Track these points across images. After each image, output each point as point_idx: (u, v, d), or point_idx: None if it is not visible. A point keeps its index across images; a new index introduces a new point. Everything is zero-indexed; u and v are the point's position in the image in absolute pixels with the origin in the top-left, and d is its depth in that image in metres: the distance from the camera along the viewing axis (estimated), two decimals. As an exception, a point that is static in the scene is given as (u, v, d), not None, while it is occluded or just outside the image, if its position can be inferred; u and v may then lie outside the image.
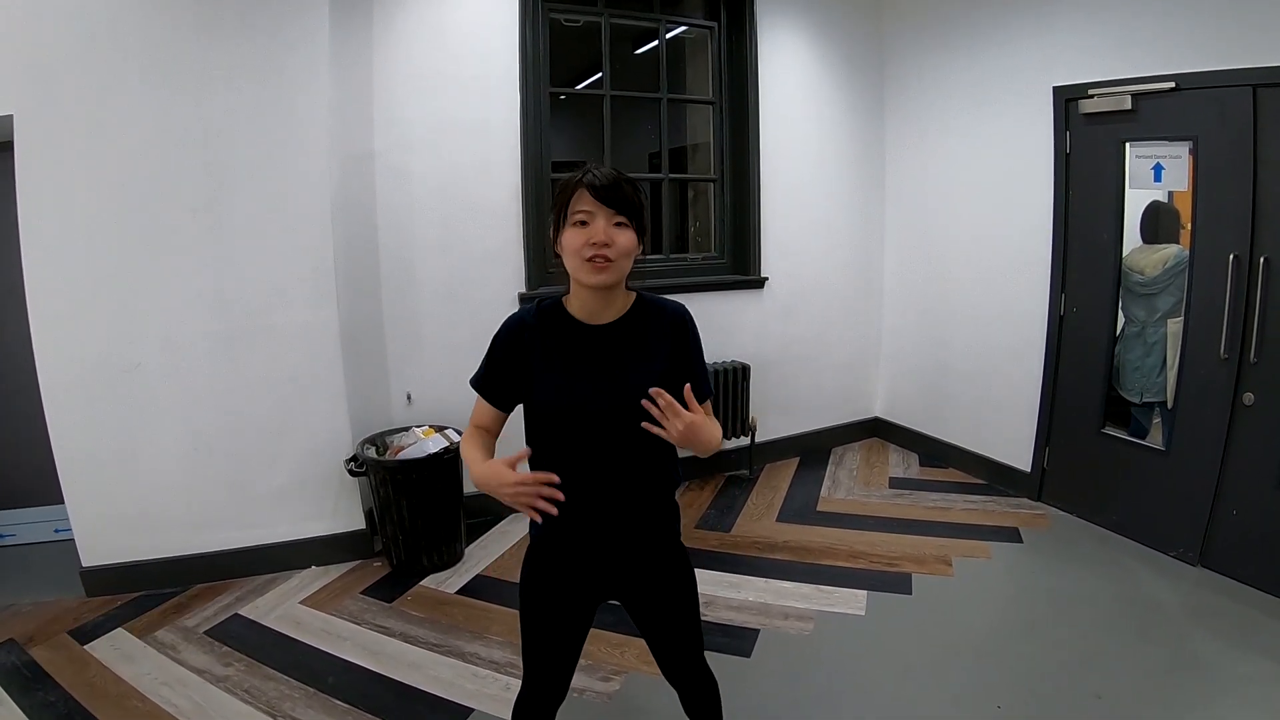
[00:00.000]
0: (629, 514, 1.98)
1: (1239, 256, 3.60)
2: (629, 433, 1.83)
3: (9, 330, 4.01)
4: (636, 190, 1.82)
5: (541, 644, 2.07)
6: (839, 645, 3.43)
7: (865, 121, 5.72)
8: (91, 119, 3.53)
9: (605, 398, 1.86)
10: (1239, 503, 3.77)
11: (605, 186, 1.76)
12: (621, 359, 1.89)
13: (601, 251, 1.75)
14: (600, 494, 1.93)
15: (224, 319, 3.84)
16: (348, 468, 4.06)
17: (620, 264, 1.80)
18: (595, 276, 1.78)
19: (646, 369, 1.88)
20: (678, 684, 2.28)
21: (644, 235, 1.85)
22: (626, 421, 1.83)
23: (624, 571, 2.06)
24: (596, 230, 1.76)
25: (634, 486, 1.96)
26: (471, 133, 4.45)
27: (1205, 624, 3.47)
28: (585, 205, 1.77)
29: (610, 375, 1.88)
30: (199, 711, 2.98)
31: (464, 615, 3.71)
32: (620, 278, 1.84)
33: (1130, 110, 3.98)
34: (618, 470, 1.93)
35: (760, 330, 5.47)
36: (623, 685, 3.15)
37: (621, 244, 1.78)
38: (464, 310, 4.52)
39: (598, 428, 1.87)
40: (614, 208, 1.77)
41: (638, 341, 1.92)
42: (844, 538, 4.46)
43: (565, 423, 1.88)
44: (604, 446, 1.89)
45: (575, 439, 1.89)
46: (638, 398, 1.77)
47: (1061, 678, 3.13)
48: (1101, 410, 4.42)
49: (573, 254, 1.79)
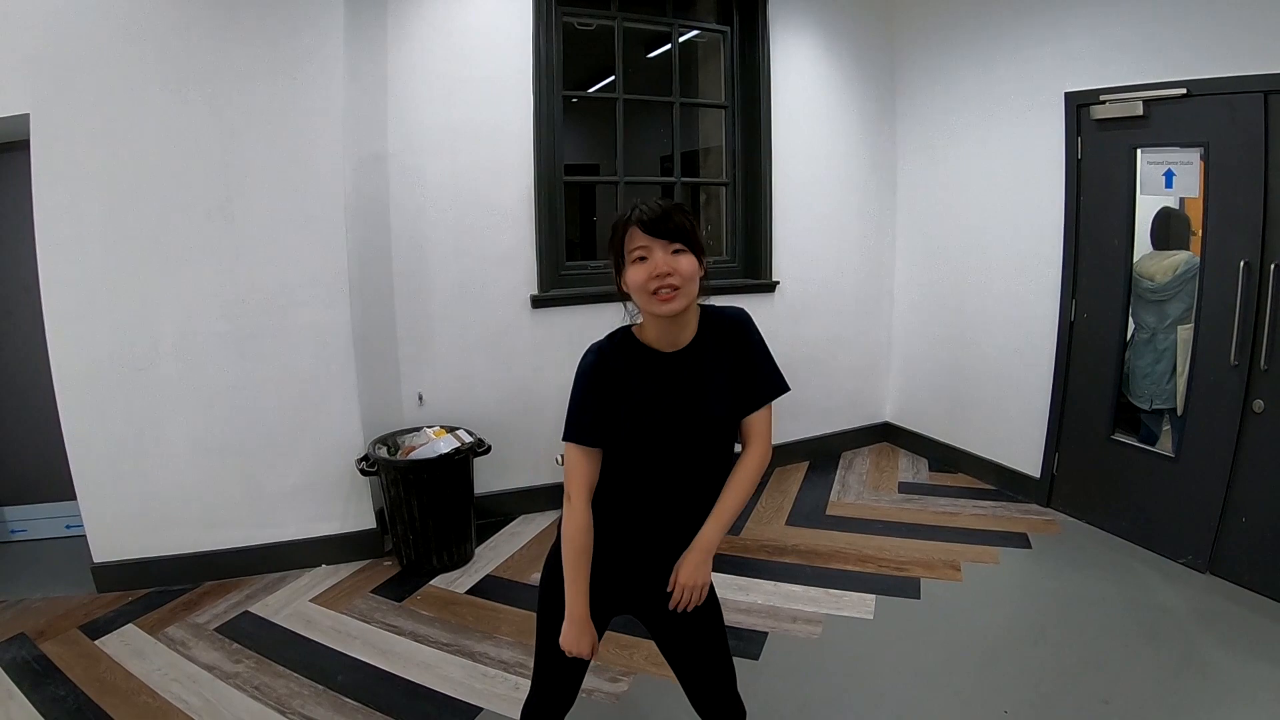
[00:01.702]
0: (696, 523, 1.99)
1: (1250, 263, 3.59)
2: (705, 454, 1.92)
3: (23, 327, 4.06)
4: (686, 215, 1.84)
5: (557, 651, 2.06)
6: (847, 649, 3.44)
7: (876, 126, 5.73)
8: (107, 118, 3.57)
9: (687, 424, 1.88)
10: (1249, 510, 3.76)
11: (656, 219, 1.79)
12: (699, 383, 1.91)
13: (666, 281, 1.77)
14: (671, 513, 1.97)
15: (237, 318, 3.87)
16: (359, 467, 4.08)
17: (687, 289, 1.81)
18: (665, 307, 1.80)
19: (726, 379, 1.94)
20: (705, 713, 2.24)
21: (703, 255, 1.87)
22: (704, 444, 1.90)
23: (656, 591, 2.04)
24: (656, 263, 1.78)
25: (701, 503, 1.98)
26: (485, 135, 4.47)
27: (1214, 631, 3.47)
28: (640, 241, 1.79)
29: (690, 401, 1.89)
30: (209, 708, 3.00)
31: (473, 615, 3.73)
32: (690, 301, 1.85)
33: (1142, 116, 3.98)
34: (689, 490, 1.96)
35: (771, 333, 5.31)
36: (631, 686, 3.16)
37: (684, 270, 1.79)
38: (476, 312, 4.54)
39: (679, 453, 1.90)
40: (668, 238, 1.79)
41: (711, 361, 1.94)
42: (853, 542, 4.46)
43: (650, 451, 1.89)
44: (681, 470, 1.93)
45: (655, 465, 1.91)
46: (719, 411, 1.89)
47: (1069, 683, 3.13)
48: (1111, 416, 4.41)
49: (639, 290, 1.80)
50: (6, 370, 4.28)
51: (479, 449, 4.21)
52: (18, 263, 3.96)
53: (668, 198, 5.29)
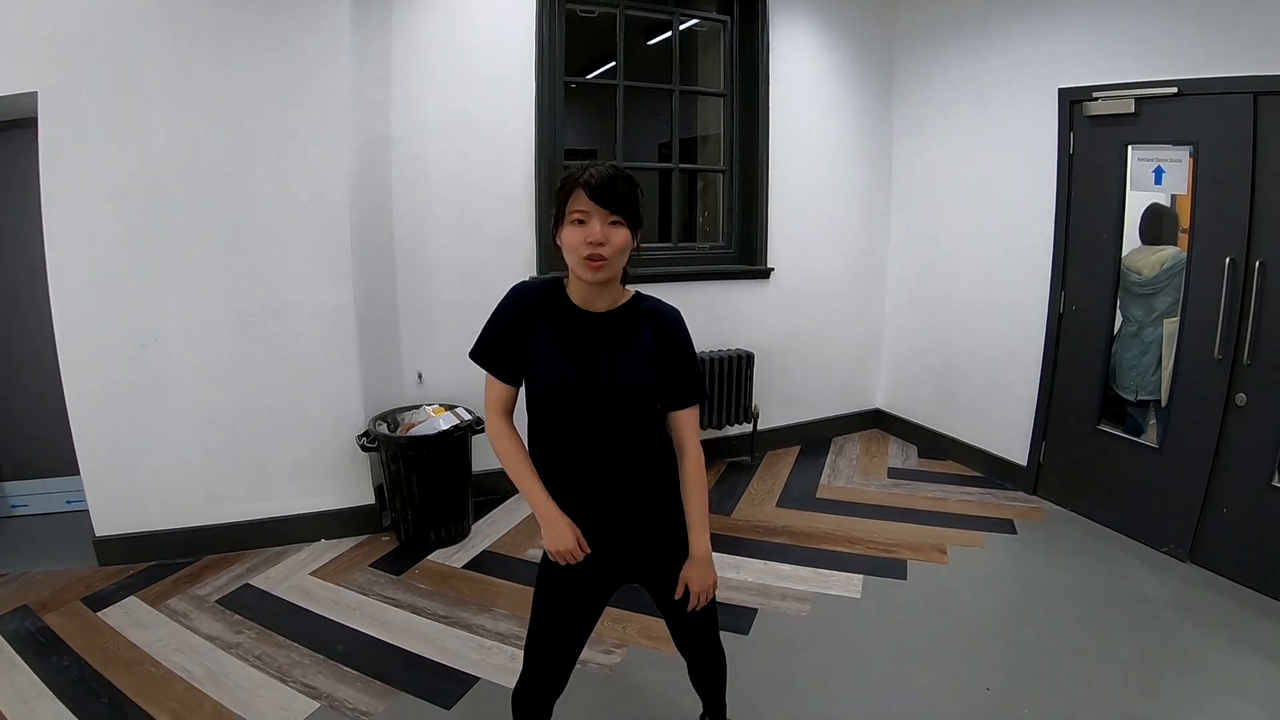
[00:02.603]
0: (626, 491, 2.06)
1: (1235, 260, 3.66)
2: (617, 414, 1.97)
3: (29, 305, 4.09)
4: (632, 186, 1.89)
5: (552, 630, 2.14)
6: (835, 626, 3.51)
7: (873, 118, 5.78)
8: (115, 97, 3.58)
9: (594, 379, 1.95)
10: (1230, 501, 3.84)
11: (600, 187, 1.83)
12: (611, 344, 1.98)
13: (597, 250, 1.84)
14: (596, 472, 2.03)
15: (242, 296, 3.91)
16: (360, 443, 4.13)
17: (615, 261, 1.88)
18: (592, 274, 1.88)
19: (631, 355, 1.99)
20: (689, 657, 2.41)
21: (639, 229, 1.93)
22: (614, 403, 1.96)
23: (638, 551, 2.14)
24: (593, 230, 1.84)
25: (627, 464, 2.04)
26: (487, 120, 4.51)
27: (1193, 618, 3.54)
28: (582, 205, 1.85)
29: (599, 359, 1.96)
30: (211, 677, 3.05)
31: (470, 589, 3.79)
32: (615, 273, 1.93)
33: (1133, 114, 4.03)
34: (609, 449, 2.01)
35: (765, 320, 5.54)
36: (624, 658, 3.22)
37: (616, 242, 1.86)
38: (476, 293, 4.58)
39: (587, 408, 1.96)
40: (609, 208, 1.84)
41: (627, 331, 2.01)
42: (842, 524, 4.54)
43: (558, 402, 1.97)
44: (595, 426, 1.98)
45: (569, 418, 1.98)
46: (623, 380, 1.95)
47: (1050, 664, 3.21)
48: (1098, 407, 4.48)
49: (571, 251, 1.88)
50: (9, 348, 4.30)
51: (477, 427, 4.25)
52: (24, 240, 3.98)
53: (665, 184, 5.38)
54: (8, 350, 4.30)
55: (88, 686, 2.97)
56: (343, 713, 2.88)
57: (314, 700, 2.94)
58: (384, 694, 2.99)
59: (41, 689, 2.94)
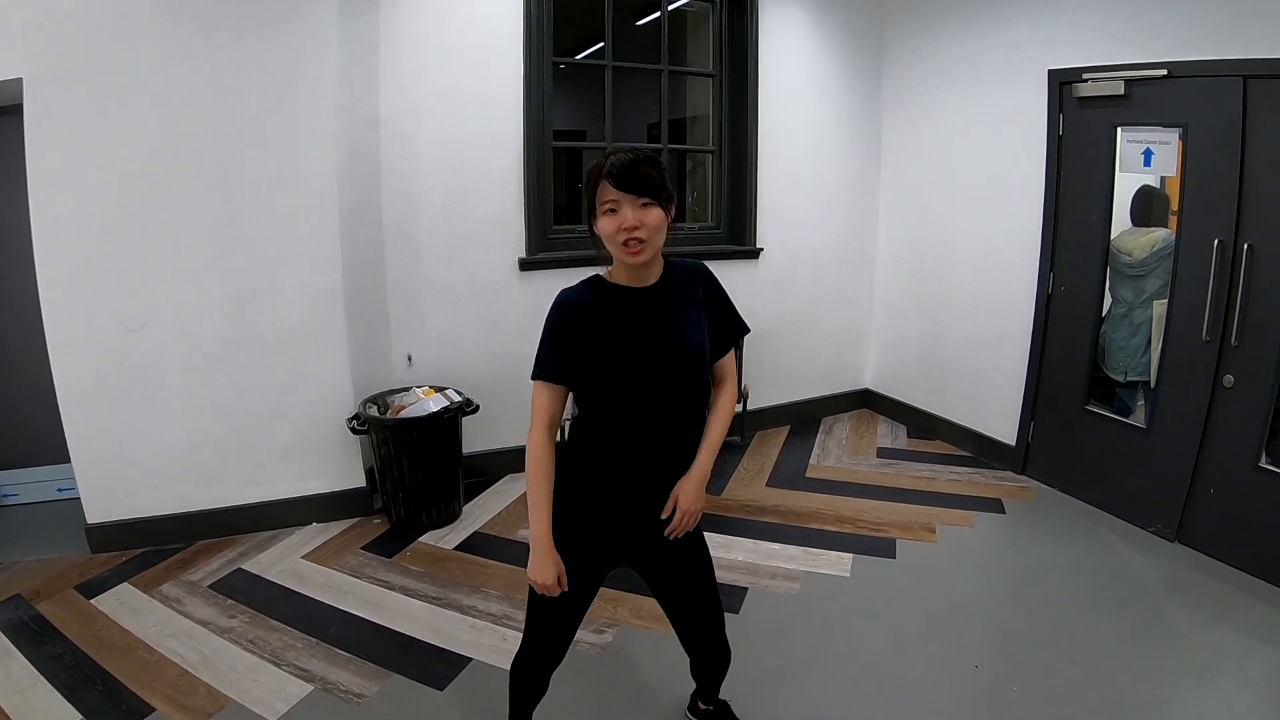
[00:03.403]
0: (682, 457, 2.09)
1: (1224, 242, 3.67)
2: (688, 377, 2.02)
3: (17, 293, 4.06)
4: (655, 166, 1.91)
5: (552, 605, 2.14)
6: (824, 605, 3.55)
7: (863, 98, 5.77)
8: (100, 83, 3.55)
9: (668, 346, 1.98)
10: (1217, 482, 3.86)
11: (624, 173, 1.86)
12: (672, 312, 2.03)
13: (634, 234, 1.87)
14: (660, 448, 2.06)
15: (230, 280, 3.89)
16: (350, 426, 4.14)
17: (654, 240, 1.91)
18: (634, 258, 1.91)
19: (695, 317, 2.05)
20: (696, 654, 2.43)
21: (670, 204, 1.95)
22: (686, 367, 2.01)
23: (651, 532, 2.13)
24: (625, 216, 1.86)
25: (689, 430, 2.09)
26: (475, 101, 4.49)
27: (1180, 598, 3.58)
28: (610, 195, 1.88)
29: (668, 326, 2.00)
30: (204, 662, 3.07)
31: (462, 570, 3.81)
32: (656, 251, 1.96)
33: (1123, 95, 4.03)
34: (677, 416, 2.05)
35: (754, 300, 5.50)
36: (615, 638, 3.26)
37: (651, 223, 1.88)
38: (465, 274, 4.59)
39: (663, 375, 1.98)
40: (636, 192, 1.86)
41: (681, 295, 2.06)
42: (832, 503, 4.57)
43: (633, 376, 1.97)
44: (666, 394, 2.00)
45: (640, 391, 1.98)
46: (696, 342, 2.01)
47: (1038, 642, 3.24)
48: (1086, 387, 4.51)
49: (609, 240, 1.91)
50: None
51: (467, 408, 4.26)
52: (11, 228, 3.95)
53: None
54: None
55: (82, 674, 2.98)
56: (336, 695, 2.90)
57: (307, 683, 2.96)
58: (377, 676, 3.01)
59: (36, 677, 2.95)
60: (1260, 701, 2.89)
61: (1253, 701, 2.89)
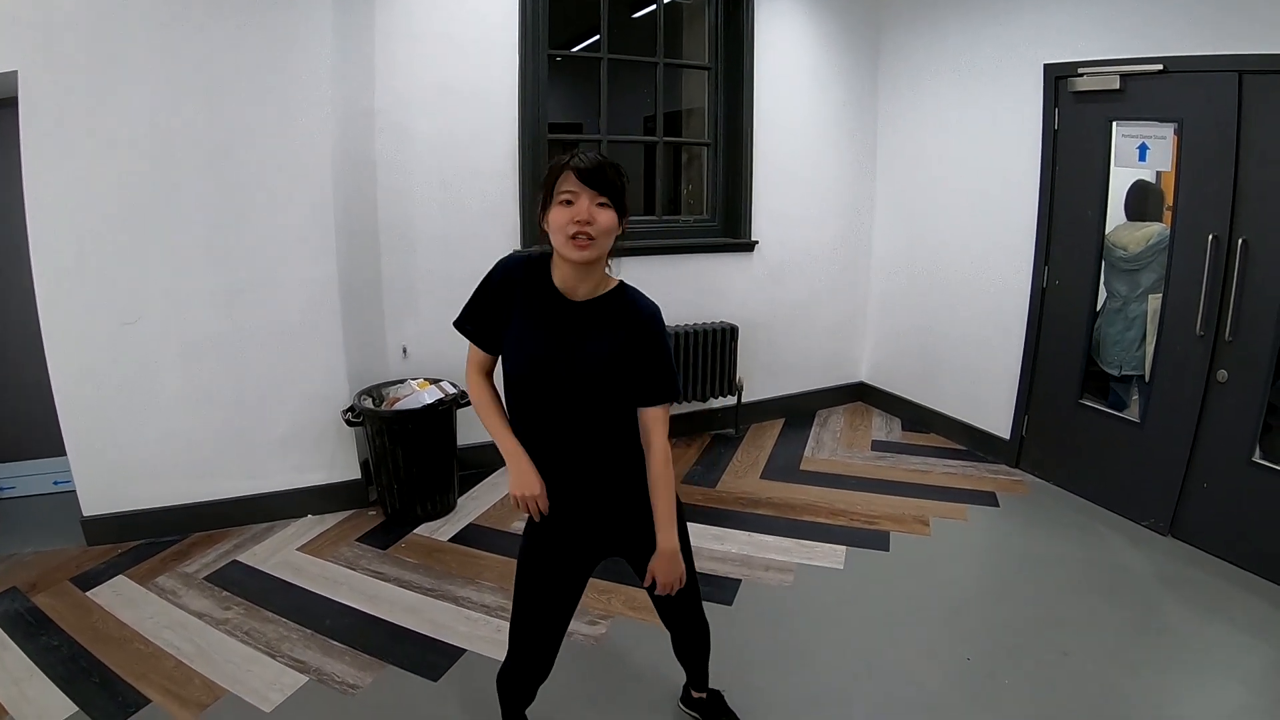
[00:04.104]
0: (593, 472, 2.10)
1: (1218, 237, 3.67)
2: (583, 398, 2.00)
3: (13, 286, 4.04)
4: (620, 174, 1.92)
5: (535, 610, 2.18)
6: (818, 597, 3.56)
7: (859, 91, 5.76)
8: (95, 75, 3.53)
9: (562, 366, 1.97)
10: (1210, 476, 3.88)
11: (590, 170, 1.86)
12: (584, 334, 1.99)
13: (584, 229, 1.85)
14: (565, 452, 2.07)
15: (225, 272, 3.88)
16: (345, 418, 4.13)
17: (601, 241, 1.90)
18: (578, 253, 1.88)
19: (610, 345, 2.00)
20: (673, 629, 2.47)
21: (624, 216, 1.95)
22: (580, 388, 1.99)
23: (615, 528, 2.18)
24: (580, 209, 1.85)
25: (592, 448, 2.08)
26: (471, 93, 4.48)
27: (1173, 591, 3.60)
28: (570, 186, 1.87)
29: (570, 346, 1.98)
30: (200, 653, 3.07)
31: (457, 562, 3.82)
32: (600, 255, 1.94)
33: (1118, 90, 4.04)
34: (576, 431, 2.05)
35: (749, 293, 5.55)
36: (609, 629, 3.27)
37: (603, 223, 1.88)
38: (459, 267, 4.51)
39: (555, 389, 1.99)
40: (597, 189, 1.86)
41: (603, 322, 2.01)
42: (825, 496, 4.58)
43: (529, 379, 2.00)
44: (562, 407, 2.01)
45: (539, 397, 2.01)
46: (591, 370, 1.97)
47: (1031, 635, 3.26)
48: (1080, 381, 4.51)
49: (558, 230, 1.89)
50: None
51: (462, 401, 4.26)
52: (6, 220, 3.93)
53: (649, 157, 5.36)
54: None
55: (78, 665, 2.98)
56: (331, 686, 2.91)
57: (302, 674, 2.96)
58: (372, 666, 3.02)
59: (32, 669, 2.95)
60: (1252, 695, 2.91)
61: (1244, 695, 2.91)
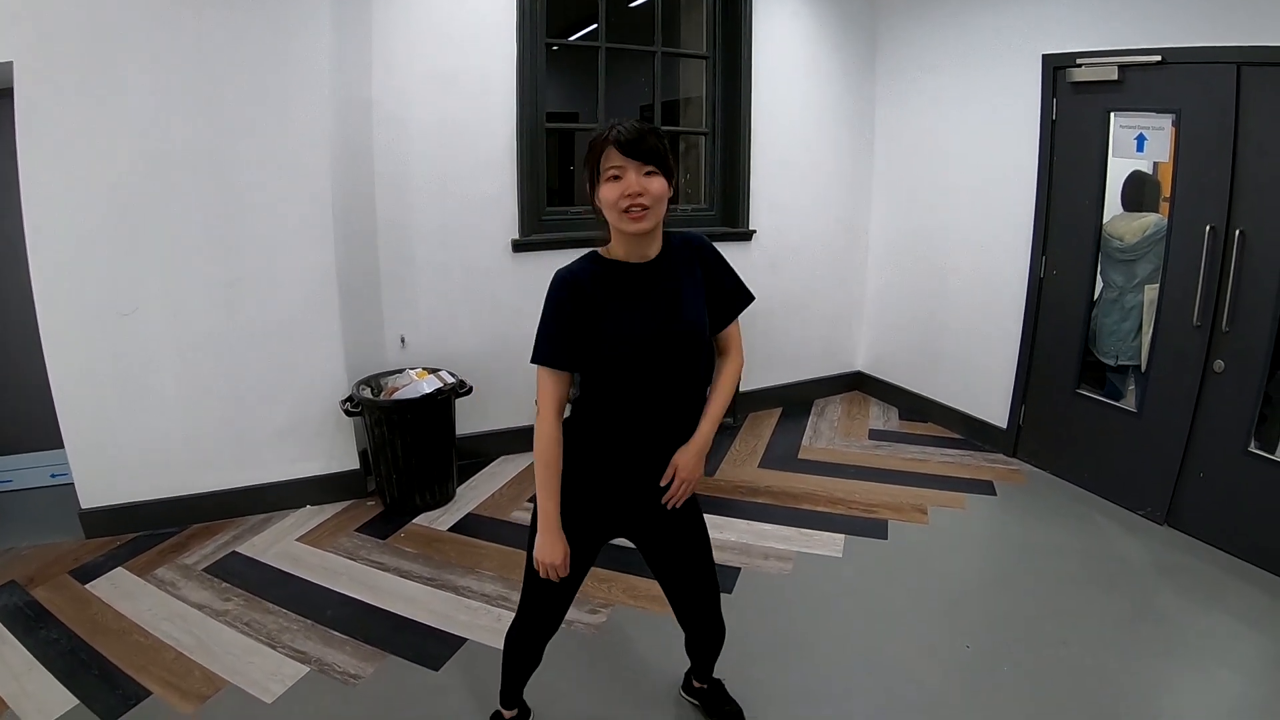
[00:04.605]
0: (686, 429, 2.10)
1: (1216, 228, 3.67)
2: (688, 351, 2.01)
3: (9, 279, 4.03)
4: (660, 138, 1.91)
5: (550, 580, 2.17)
6: (816, 585, 3.58)
7: (857, 81, 5.75)
8: (92, 66, 3.51)
9: (668, 322, 1.99)
10: (1207, 466, 3.89)
11: (631, 141, 1.85)
12: (674, 285, 2.02)
13: (637, 201, 1.86)
14: (660, 422, 2.07)
15: (223, 263, 3.87)
16: (343, 408, 4.13)
17: (656, 209, 1.90)
18: (635, 225, 1.89)
19: (695, 290, 2.05)
20: (690, 629, 2.45)
21: (672, 178, 1.95)
22: (686, 342, 2.01)
23: (650, 503, 2.15)
24: (630, 183, 1.85)
25: (691, 402, 2.09)
26: (468, 83, 4.47)
27: (1170, 580, 3.61)
28: (615, 161, 1.86)
29: (667, 302, 2.00)
30: (200, 645, 3.08)
31: (456, 551, 3.83)
32: (657, 221, 1.94)
33: (1117, 81, 4.03)
34: (678, 389, 2.05)
35: (747, 281, 5.40)
36: (609, 617, 3.28)
37: (654, 191, 1.88)
38: (457, 256, 4.58)
39: (664, 350, 1.99)
40: (642, 159, 1.86)
41: (681, 269, 2.05)
42: (824, 484, 4.60)
43: (635, 352, 1.97)
44: (667, 369, 2.01)
45: (642, 367, 1.98)
46: (694, 317, 2.01)
47: (1029, 623, 3.27)
48: (1077, 371, 4.52)
49: (611, 207, 1.89)
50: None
51: (461, 390, 4.27)
52: (2, 213, 3.91)
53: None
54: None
55: (78, 658, 2.98)
56: (332, 676, 2.92)
57: (303, 664, 2.97)
58: (373, 656, 3.03)
59: (32, 662, 2.95)
60: (1248, 684, 2.93)
61: (1240, 683, 2.93)
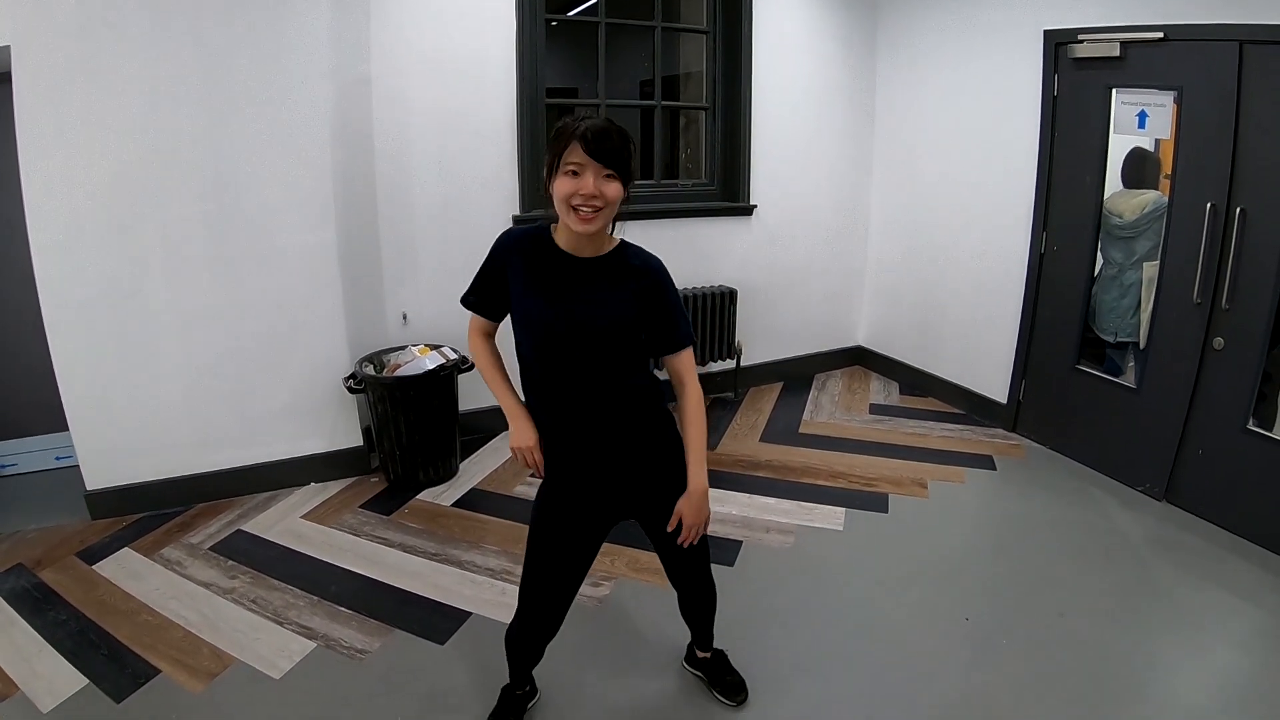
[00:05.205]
0: (610, 430, 2.12)
1: (1216, 206, 3.67)
2: (598, 353, 2.03)
3: (10, 261, 4.01)
4: (626, 140, 1.92)
5: (547, 571, 2.21)
6: (818, 558, 3.61)
7: (857, 55, 5.72)
8: (90, 48, 3.48)
9: (582, 320, 2.00)
10: (1205, 443, 3.91)
11: (596, 140, 1.85)
12: (594, 287, 2.03)
13: (590, 203, 1.87)
14: (581, 412, 2.09)
15: (224, 242, 3.86)
16: (346, 385, 4.14)
17: (606, 212, 1.92)
18: (582, 225, 1.91)
19: (624, 304, 2.04)
20: (681, 589, 2.50)
21: (630, 181, 1.95)
22: (595, 342, 2.02)
23: (631, 486, 2.20)
24: (586, 183, 1.86)
25: (609, 404, 2.10)
26: (468, 59, 4.45)
27: (1167, 555, 3.64)
28: (577, 158, 1.86)
29: (583, 301, 2.01)
30: (207, 622, 3.10)
31: (460, 526, 3.86)
32: (605, 224, 1.96)
33: (1118, 58, 4.01)
34: (592, 389, 2.07)
35: (748, 256, 5.56)
36: (612, 590, 3.32)
37: (609, 195, 1.89)
38: (458, 232, 4.58)
39: (570, 347, 2.01)
40: (603, 162, 1.86)
41: (612, 277, 2.05)
42: (824, 458, 4.63)
43: (542, 341, 2.02)
44: (578, 366, 2.04)
45: (553, 358, 2.03)
46: (605, 319, 2.00)
47: (1027, 596, 3.31)
48: (1077, 347, 4.53)
49: (562, 201, 1.90)
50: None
51: (463, 366, 4.28)
52: (3, 195, 3.89)
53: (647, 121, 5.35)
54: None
55: (86, 639, 3.00)
56: (338, 651, 2.95)
57: (310, 640, 3.00)
58: (379, 632, 3.06)
59: (41, 644, 2.97)
60: (1243, 656, 2.96)
61: (1235, 656, 2.96)
